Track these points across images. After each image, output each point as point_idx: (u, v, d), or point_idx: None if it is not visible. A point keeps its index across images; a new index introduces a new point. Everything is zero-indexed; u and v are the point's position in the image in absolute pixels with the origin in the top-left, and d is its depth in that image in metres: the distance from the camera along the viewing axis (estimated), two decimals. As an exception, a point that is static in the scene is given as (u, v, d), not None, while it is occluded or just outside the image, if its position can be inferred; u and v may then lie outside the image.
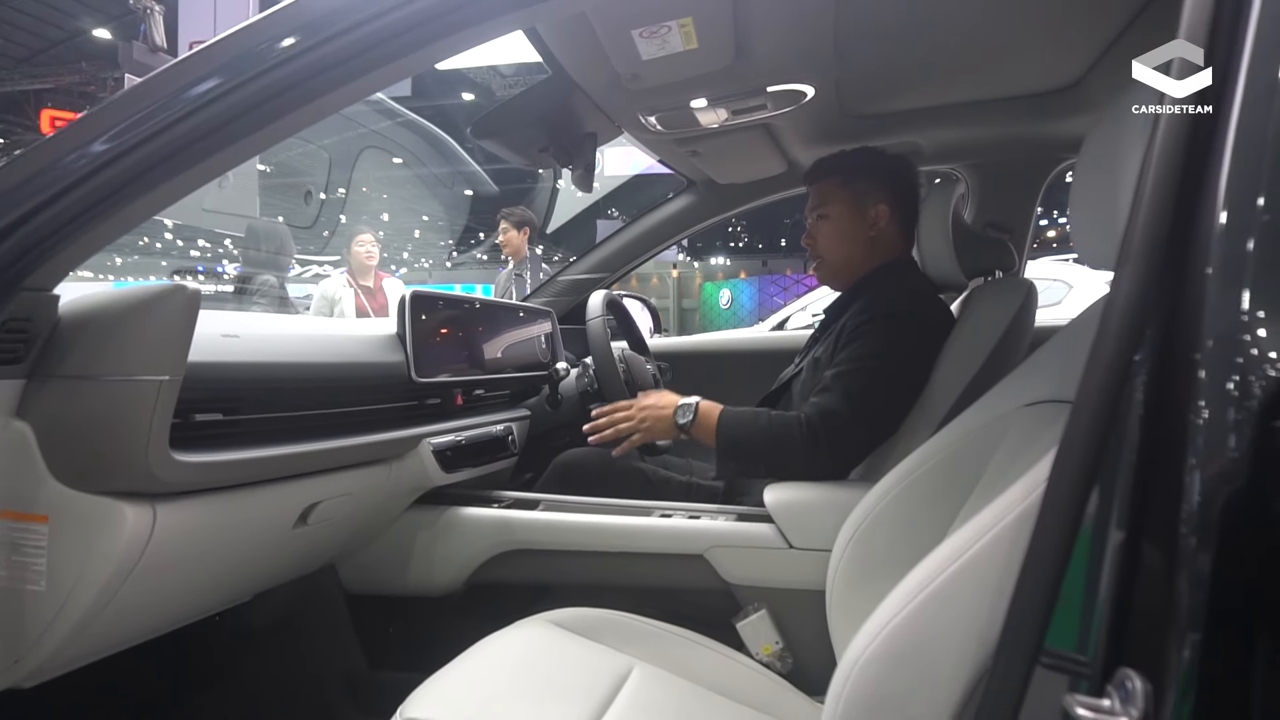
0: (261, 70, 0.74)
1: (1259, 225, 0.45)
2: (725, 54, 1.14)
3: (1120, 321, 0.47)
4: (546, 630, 1.09)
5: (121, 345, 0.78)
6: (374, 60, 0.75)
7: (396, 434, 1.21)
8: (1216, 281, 0.45)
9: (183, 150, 0.75)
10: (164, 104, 0.75)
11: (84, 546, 0.79)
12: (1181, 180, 0.47)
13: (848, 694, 0.68)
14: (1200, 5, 0.50)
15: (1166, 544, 0.43)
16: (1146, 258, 0.47)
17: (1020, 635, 0.49)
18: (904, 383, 1.31)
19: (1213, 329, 0.44)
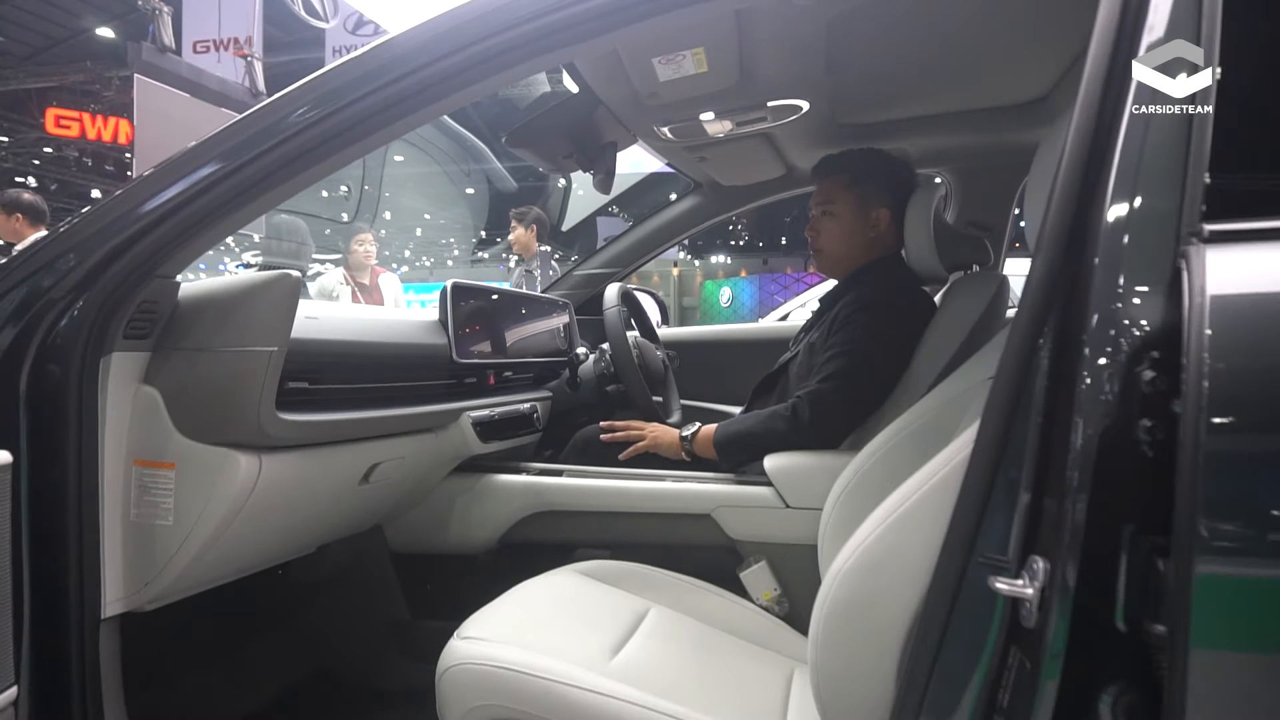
0: (352, 100, 0.90)
1: (1133, 223, 0.61)
2: (731, 75, 1.31)
3: (1030, 305, 0.62)
4: (575, 578, 1.26)
5: (238, 322, 0.95)
6: (442, 92, 0.91)
7: (441, 407, 1.38)
8: (1101, 269, 0.61)
9: (286, 165, 0.91)
10: (271, 128, 0.91)
11: (205, 488, 0.95)
12: (1081, 185, 0.63)
13: (830, 599, 0.84)
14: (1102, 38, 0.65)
15: (1060, 473, 0.58)
16: (1052, 251, 0.63)
17: (958, 542, 0.66)
18: (888, 365, 1.48)
19: (1097, 307, 0.59)
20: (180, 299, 0.98)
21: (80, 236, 0.90)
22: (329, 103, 0.90)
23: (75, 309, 0.88)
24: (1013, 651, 0.62)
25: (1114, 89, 0.64)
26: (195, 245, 0.94)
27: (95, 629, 0.91)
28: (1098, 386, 0.57)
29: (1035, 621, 0.58)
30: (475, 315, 1.55)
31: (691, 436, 1.56)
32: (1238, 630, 0.52)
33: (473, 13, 0.86)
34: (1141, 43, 0.65)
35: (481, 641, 1.00)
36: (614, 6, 0.82)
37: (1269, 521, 0.51)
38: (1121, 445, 0.56)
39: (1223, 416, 0.51)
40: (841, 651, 0.84)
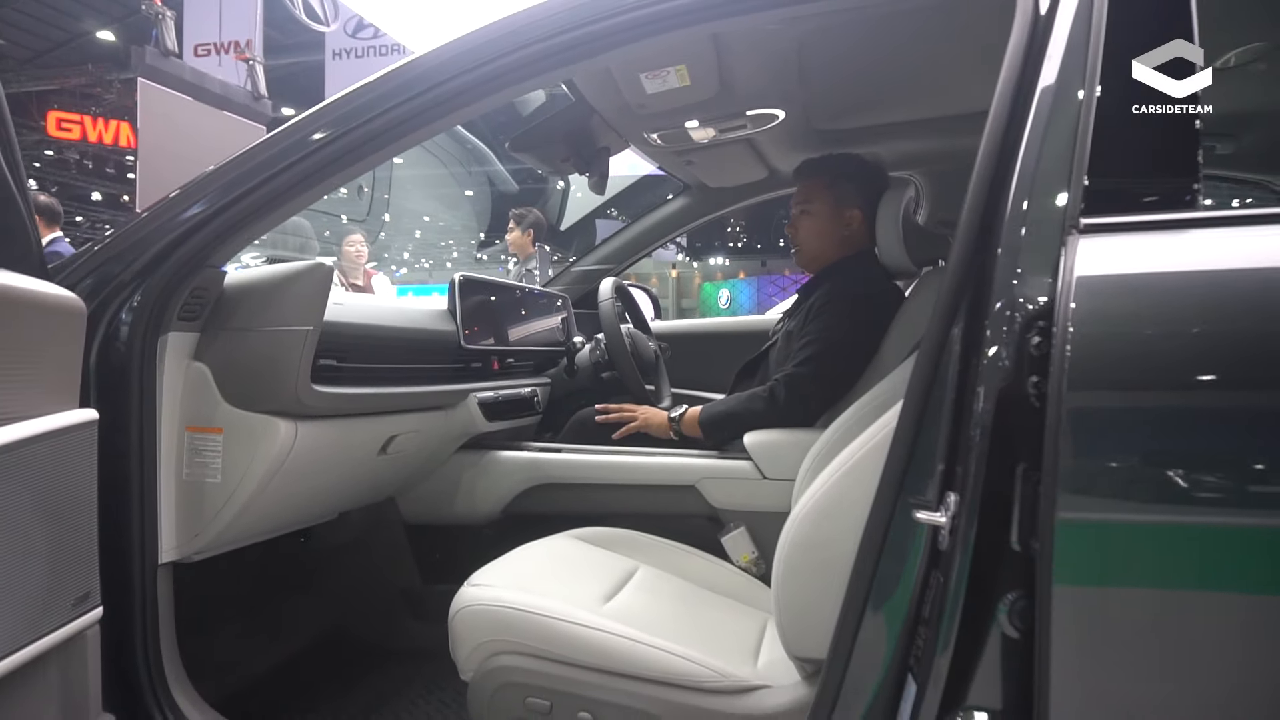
0: (377, 114, 1.03)
1: (1029, 219, 0.74)
2: (711, 88, 1.46)
3: (948, 291, 0.76)
4: (572, 541, 1.40)
5: (279, 305, 1.09)
6: (456, 106, 1.05)
7: (451, 387, 1.53)
8: (1004, 258, 0.74)
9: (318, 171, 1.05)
10: (305, 139, 1.05)
11: (249, 450, 1.10)
12: (990, 186, 0.77)
13: (789, 540, 0.99)
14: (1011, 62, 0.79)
15: (966, 429, 0.70)
16: (965, 245, 0.77)
17: (889, 487, 0.80)
18: (858, 351, 1.62)
19: (999, 291, 0.71)
20: (225, 286, 1.12)
21: (143, 232, 1.04)
22: (357, 117, 1.04)
23: (137, 295, 1.02)
24: (933, 573, 0.76)
25: (1020, 106, 0.78)
26: (239, 239, 1.08)
27: (154, 572, 1.05)
28: (998, 355, 0.70)
29: (948, 545, 0.72)
30: (481, 306, 1.69)
31: (679, 417, 1.71)
32: (1090, 546, 0.65)
33: (484, 38, 1.00)
34: (1043, 68, 0.79)
35: (489, 587, 1.14)
36: (605, 32, 0.96)
37: (1116, 457, 0.65)
38: (1016, 400, 0.68)
39: (1079, 375, 0.64)
40: (799, 584, 0.98)
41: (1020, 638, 0.67)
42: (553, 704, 1.05)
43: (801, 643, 0.99)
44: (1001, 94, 0.81)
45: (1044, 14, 0.82)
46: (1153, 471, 0.63)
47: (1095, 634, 0.64)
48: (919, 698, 0.73)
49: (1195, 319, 0.66)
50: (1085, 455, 0.64)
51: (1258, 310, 0.65)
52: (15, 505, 0.72)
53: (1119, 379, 0.66)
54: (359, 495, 1.48)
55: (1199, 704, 0.63)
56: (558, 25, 0.97)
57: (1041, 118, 0.76)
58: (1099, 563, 0.64)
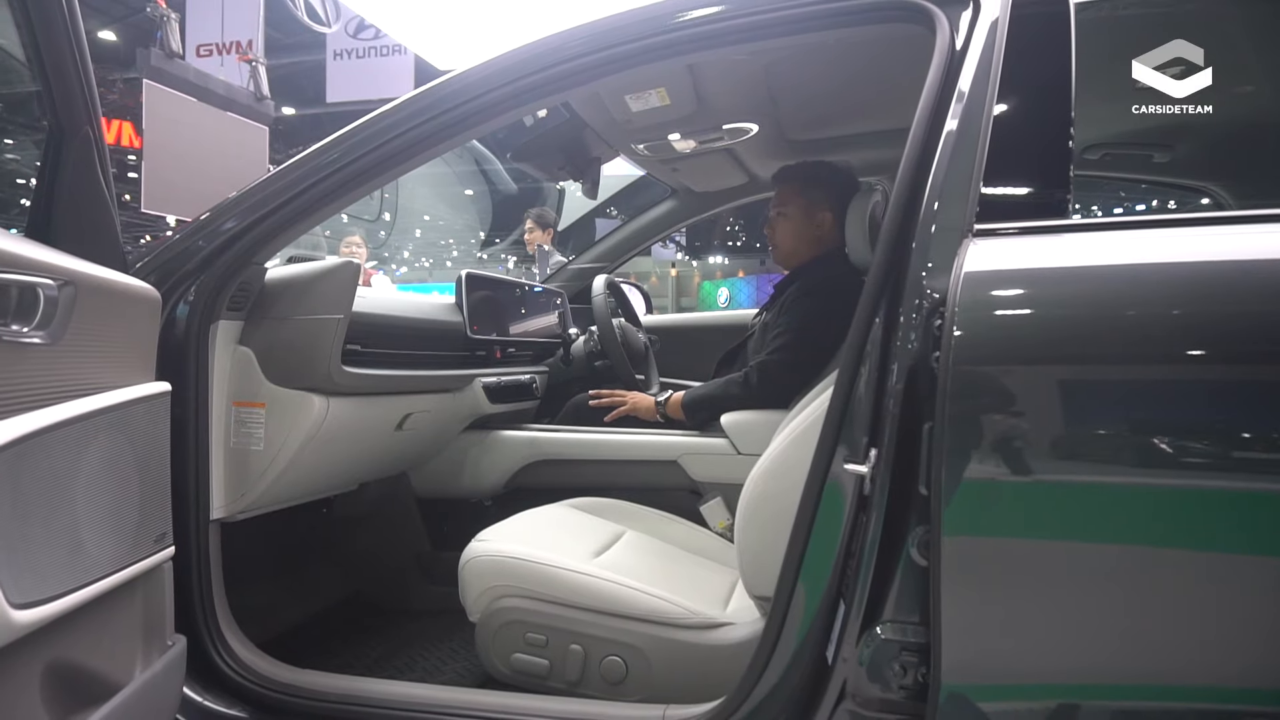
0: (403, 131, 1.20)
1: (936, 224, 0.90)
2: (689, 106, 1.64)
3: (872, 284, 0.92)
4: (567, 509, 1.58)
5: (313, 297, 1.27)
6: (473, 124, 1.21)
7: (458, 372, 1.71)
8: (915, 257, 0.91)
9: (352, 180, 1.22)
10: (340, 155, 1.21)
11: (288, 422, 1.27)
12: (910, 194, 0.93)
13: (747, 495, 1.16)
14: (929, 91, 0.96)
15: (883, 400, 0.87)
16: (886, 243, 0.94)
17: (825, 446, 0.96)
18: (825, 341, 1.77)
19: (911, 286, 0.87)
20: (266, 280, 1.30)
21: (198, 236, 1.21)
22: (380, 138, 1.20)
23: (193, 289, 1.20)
24: (860, 516, 0.91)
25: (935, 127, 0.95)
26: (279, 241, 1.25)
27: (207, 526, 1.23)
28: (908, 337, 0.86)
29: (870, 490, 0.87)
30: (485, 300, 1.87)
31: (664, 401, 1.89)
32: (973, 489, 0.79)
33: (493, 68, 1.17)
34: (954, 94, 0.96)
35: (494, 541, 1.32)
36: (593, 64, 1.14)
37: (990, 418, 0.80)
38: (922, 372, 0.84)
39: (963, 351, 0.79)
40: (755, 531, 1.16)
41: (927, 565, 0.82)
42: (548, 638, 1.23)
43: (758, 582, 1.17)
44: (921, 115, 0.98)
45: (958, 50, 0.99)
46: (1019, 428, 0.79)
47: (976, 561, 0.79)
48: (845, 618, 0.89)
49: (1057, 305, 0.82)
50: (967, 415, 0.79)
51: (1108, 300, 0.81)
52: (122, 454, 0.89)
53: (992, 354, 0.81)
54: (378, 467, 1.66)
55: (1051, 615, 0.78)
56: (553, 59, 1.14)
57: (951, 137, 0.93)
58: (979, 504, 0.79)
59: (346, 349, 1.34)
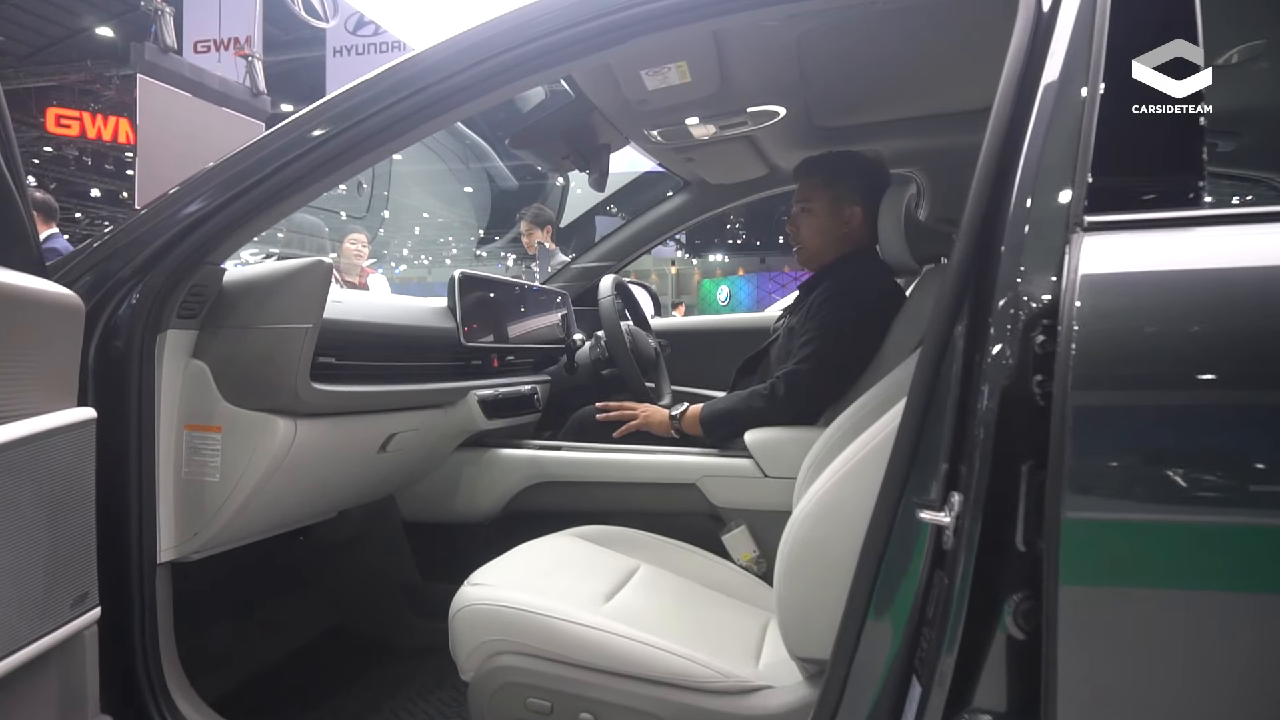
0: (378, 109, 1.03)
1: (1032, 217, 0.74)
2: (712, 84, 1.45)
3: (950, 290, 0.75)
4: (572, 540, 1.40)
5: (278, 302, 1.08)
6: (457, 102, 1.04)
7: (451, 385, 1.52)
8: (1006, 256, 0.74)
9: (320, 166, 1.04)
10: (306, 135, 1.04)
11: (247, 449, 1.09)
12: (992, 185, 0.76)
13: (791, 540, 0.98)
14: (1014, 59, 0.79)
15: (970, 429, 0.70)
16: (968, 243, 0.76)
17: (893, 487, 0.79)
18: (858, 348, 1.62)
19: (1002, 289, 0.71)
20: (224, 283, 1.12)
21: (142, 229, 1.04)
22: (356, 114, 1.03)
23: (137, 292, 1.02)
24: (936, 574, 0.75)
25: (1023, 104, 0.78)
26: (238, 236, 1.08)
27: (153, 571, 1.05)
28: (1001, 354, 0.69)
29: (953, 545, 0.71)
30: (481, 303, 1.69)
31: (679, 415, 1.70)
32: (1097, 545, 0.64)
33: (484, 34, 0.99)
34: (1045, 66, 0.78)
35: (489, 586, 1.14)
36: (606, 28, 0.95)
37: (1124, 463, 0.65)
38: (1020, 398, 0.68)
39: (1085, 372, 0.64)
40: (800, 584, 0.98)
41: (1026, 639, 0.66)
42: (554, 704, 1.05)
43: (804, 643, 0.99)
44: (1004, 91, 0.80)
45: (1046, 10, 0.82)
46: (1159, 470, 0.63)
47: (1102, 635, 0.64)
48: (924, 700, 0.73)
49: (1200, 317, 0.65)
50: (1092, 454, 0.63)
51: (1264, 308, 0.65)
52: (13, 505, 0.71)
53: (1125, 377, 0.65)
54: (359, 493, 1.48)
55: (1207, 706, 0.63)
56: (558, 22, 0.96)
57: (1044, 115, 0.76)
58: (1106, 562, 0.64)
59: (319, 362, 1.16)
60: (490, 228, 16.61)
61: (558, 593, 1.15)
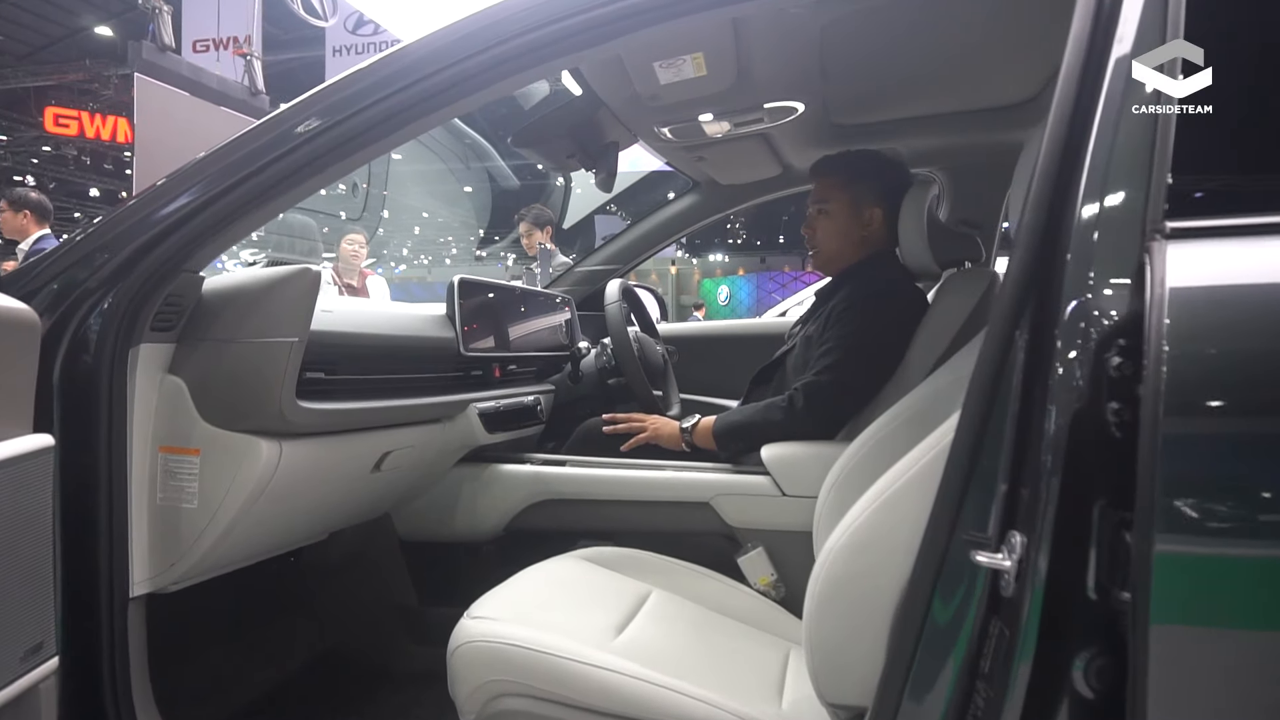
0: (368, 104, 0.94)
1: (1102, 221, 0.65)
2: (728, 78, 1.36)
3: (1008, 299, 0.67)
4: (578, 563, 1.31)
5: (261, 315, 0.99)
6: (454, 96, 0.95)
7: (449, 398, 1.43)
8: (1073, 264, 0.65)
9: (306, 166, 0.96)
10: (291, 131, 0.96)
11: (228, 473, 1.00)
12: (1055, 186, 0.68)
13: (823, 576, 0.89)
14: (1076, 45, 0.70)
15: (1036, 448, 0.62)
16: (1027, 248, 0.67)
17: (942, 520, 0.70)
18: (880, 358, 1.53)
19: (1068, 300, 0.63)
20: (203, 292, 1.03)
21: (113, 232, 0.95)
22: (347, 107, 0.95)
23: (107, 302, 0.93)
24: (993, 621, 0.66)
25: (1086, 94, 0.68)
26: (219, 241, 0.99)
27: (124, 607, 0.96)
28: (1069, 374, 0.61)
29: (1013, 591, 0.62)
30: (481, 310, 1.60)
31: (691, 428, 1.61)
32: (1194, 599, 0.56)
33: (485, 20, 0.90)
34: (1112, 51, 0.69)
35: (491, 620, 1.05)
36: (618, 14, 0.87)
37: (1222, 498, 0.56)
38: (1091, 427, 0.59)
39: (1178, 399, 0.55)
40: (834, 625, 0.89)
41: (1096, 698, 0.58)
42: None
43: (837, 689, 0.90)
44: (1066, 78, 0.70)
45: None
46: (1270, 509, 0.55)
47: (1196, 694, 0.56)
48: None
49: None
50: (1188, 491, 0.55)
51: None
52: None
53: (1225, 404, 0.57)
54: (351, 515, 1.39)
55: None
56: (569, 6, 0.87)
57: (1112, 107, 0.67)
58: (1205, 611, 0.56)
59: (306, 378, 1.08)
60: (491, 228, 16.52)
61: (564, 627, 1.06)
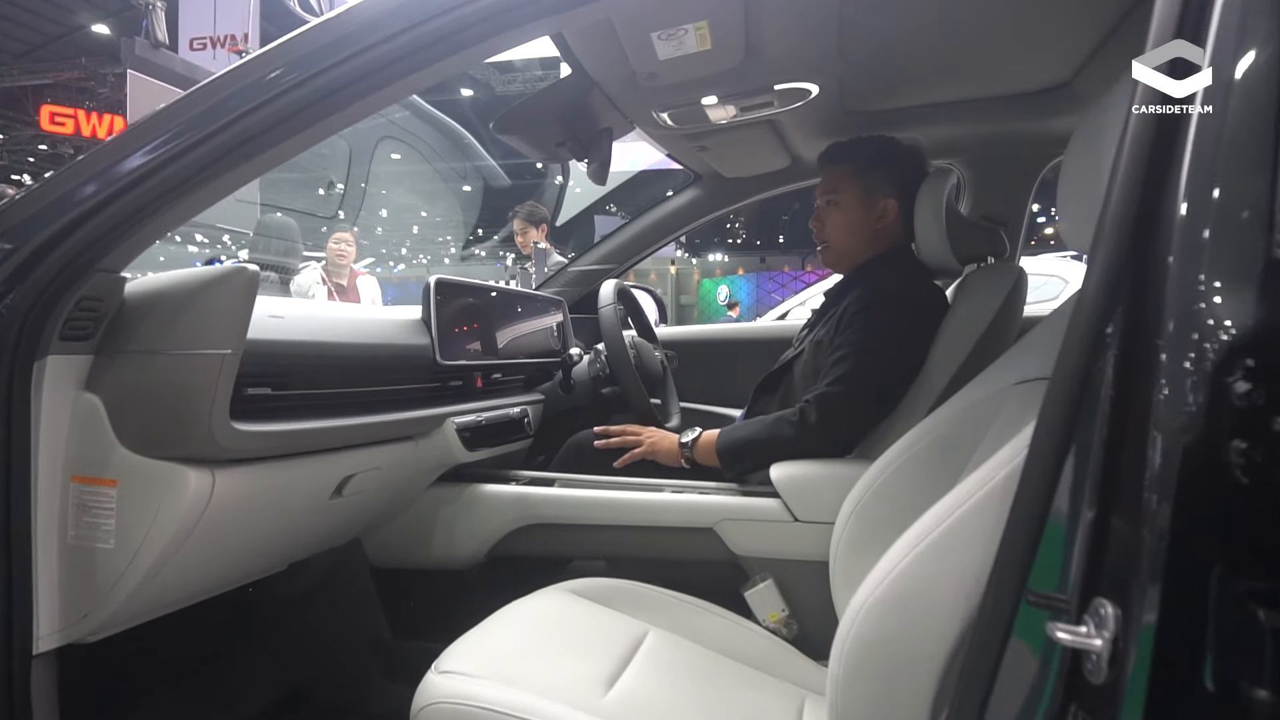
0: (308, 76, 0.80)
1: (1213, 213, 0.51)
2: (736, 54, 1.21)
3: (1092, 301, 0.53)
4: (565, 598, 1.16)
5: (189, 322, 0.85)
6: (418, 63, 0.81)
7: (423, 412, 1.28)
8: (1177, 267, 0.51)
9: (239, 148, 0.82)
10: (224, 103, 0.82)
11: (150, 508, 0.86)
12: (1147, 173, 0.53)
13: (853, 635, 0.75)
14: (1166, 16, 0.56)
15: (1133, 498, 0.48)
16: (1115, 243, 0.53)
17: (1007, 577, 0.56)
18: (899, 364, 1.39)
19: (1174, 310, 0.49)
20: (127, 296, 0.88)
21: (9, 224, 0.81)
22: (292, 73, 0.81)
23: (3, 306, 0.79)
24: (1073, 709, 0.53)
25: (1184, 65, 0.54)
26: (142, 235, 0.85)
27: (26, 666, 0.82)
28: (1179, 398, 0.47)
29: (1105, 679, 0.48)
30: (462, 313, 1.45)
31: (692, 443, 1.47)
32: None
33: None
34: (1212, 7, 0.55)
35: (460, 676, 0.91)
36: None
37: None
38: (1208, 469, 0.46)
39: None
40: (866, 695, 0.74)
41: None
42: None
43: None
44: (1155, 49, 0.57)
45: None
46: None
47: None
48: None
49: None
50: None
51: None
52: None
53: None
54: (311, 544, 1.24)
55: None
56: None
57: (1223, 80, 0.53)
58: None
59: (247, 395, 0.93)
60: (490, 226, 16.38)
61: (546, 683, 0.92)
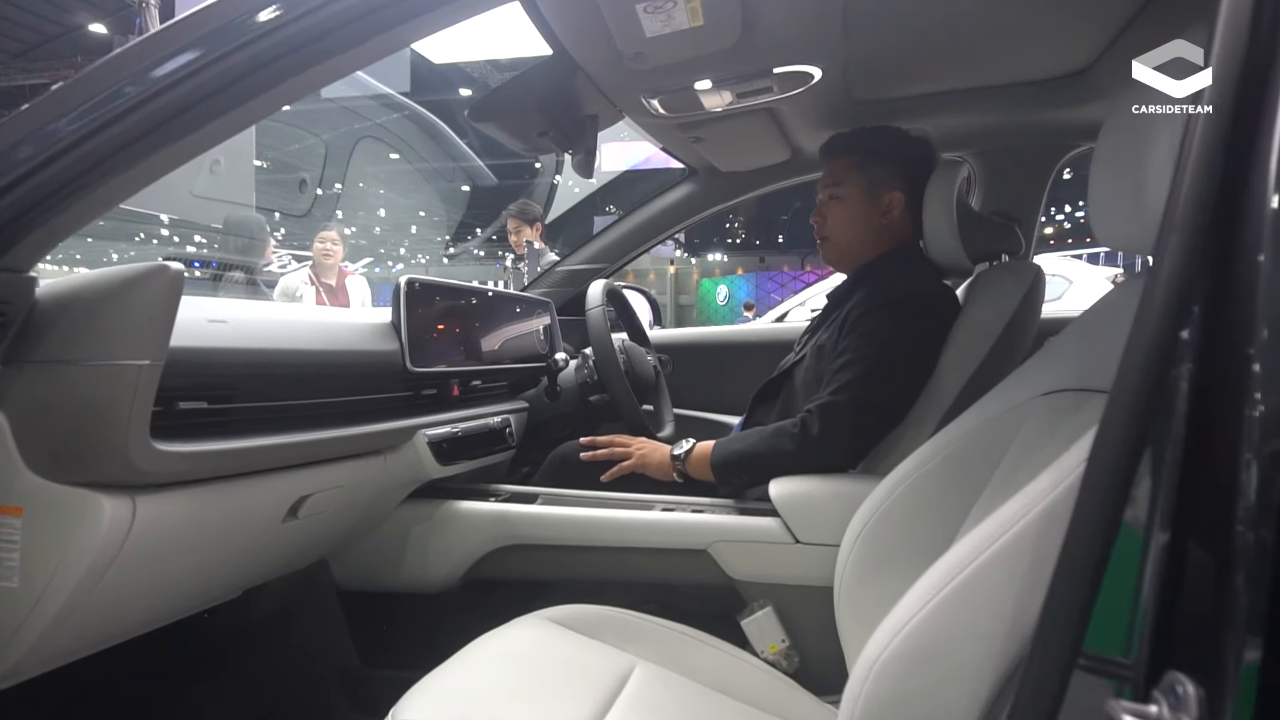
0: (245, 41, 0.71)
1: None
2: (732, 32, 1.10)
3: (1164, 299, 0.43)
4: (545, 628, 1.06)
5: (101, 328, 0.74)
6: (362, 31, 0.71)
7: (391, 425, 1.17)
8: (1269, 268, 0.41)
9: (162, 126, 0.72)
10: (142, 76, 0.72)
11: (60, 540, 0.75)
12: (1225, 160, 0.44)
13: (866, 694, 0.64)
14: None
15: (1219, 539, 0.39)
16: (1190, 236, 0.43)
17: (1057, 635, 0.46)
18: (908, 370, 1.29)
19: (1267, 316, 0.40)
20: (38, 298, 0.78)
21: None
22: (228, 39, 0.71)
23: None
24: None
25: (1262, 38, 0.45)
26: (53, 228, 0.74)
27: None
28: (1272, 424, 0.37)
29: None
30: (437, 316, 1.34)
31: (684, 456, 1.36)
32: None
33: None
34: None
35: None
36: None
37: None
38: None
39: None
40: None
41: None
42: None
43: None
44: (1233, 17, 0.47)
45: None
46: None
47: None
48: None
49: None
50: None
51: None
52: None
53: None
54: (264, 570, 1.13)
55: None
56: None
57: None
58: None
59: (180, 410, 0.82)
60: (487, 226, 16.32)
61: None
